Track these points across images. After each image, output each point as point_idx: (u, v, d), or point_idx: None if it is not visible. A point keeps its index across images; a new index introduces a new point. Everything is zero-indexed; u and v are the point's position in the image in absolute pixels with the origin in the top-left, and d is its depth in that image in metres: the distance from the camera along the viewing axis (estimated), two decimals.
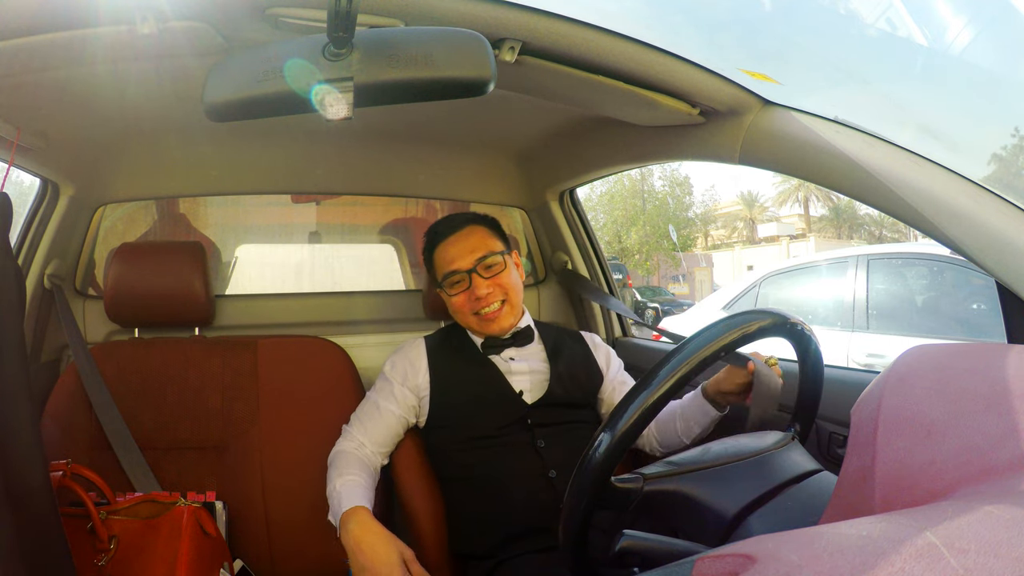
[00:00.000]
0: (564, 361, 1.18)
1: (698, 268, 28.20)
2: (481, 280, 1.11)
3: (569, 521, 0.65)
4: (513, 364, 1.16)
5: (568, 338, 1.25)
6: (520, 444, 1.09)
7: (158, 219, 1.86)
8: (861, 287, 3.44)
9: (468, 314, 1.13)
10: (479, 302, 1.11)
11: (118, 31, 0.68)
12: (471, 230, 1.16)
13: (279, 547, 1.23)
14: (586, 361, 1.22)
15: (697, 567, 0.35)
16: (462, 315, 1.14)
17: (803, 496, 0.65)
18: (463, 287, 1.12)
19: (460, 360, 1.17)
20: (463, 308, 1.13)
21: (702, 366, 0.61)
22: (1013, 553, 0.30)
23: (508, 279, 1.13)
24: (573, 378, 1.17)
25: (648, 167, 18.58)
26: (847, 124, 0.80)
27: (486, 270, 1.12)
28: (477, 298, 1.10)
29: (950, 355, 0.52)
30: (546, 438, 1.09)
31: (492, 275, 1.12)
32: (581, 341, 1.26)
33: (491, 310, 1.12)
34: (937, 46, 4.71)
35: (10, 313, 0.72)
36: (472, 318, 1.13)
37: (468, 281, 1.11)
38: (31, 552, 0.68)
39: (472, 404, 1.12)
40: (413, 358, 1.17)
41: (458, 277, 1.12)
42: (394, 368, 1.17)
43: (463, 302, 1.12)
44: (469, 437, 1.10)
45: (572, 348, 1.23)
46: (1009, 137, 8.99)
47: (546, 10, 0.72)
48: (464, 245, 1.14)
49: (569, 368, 1.18)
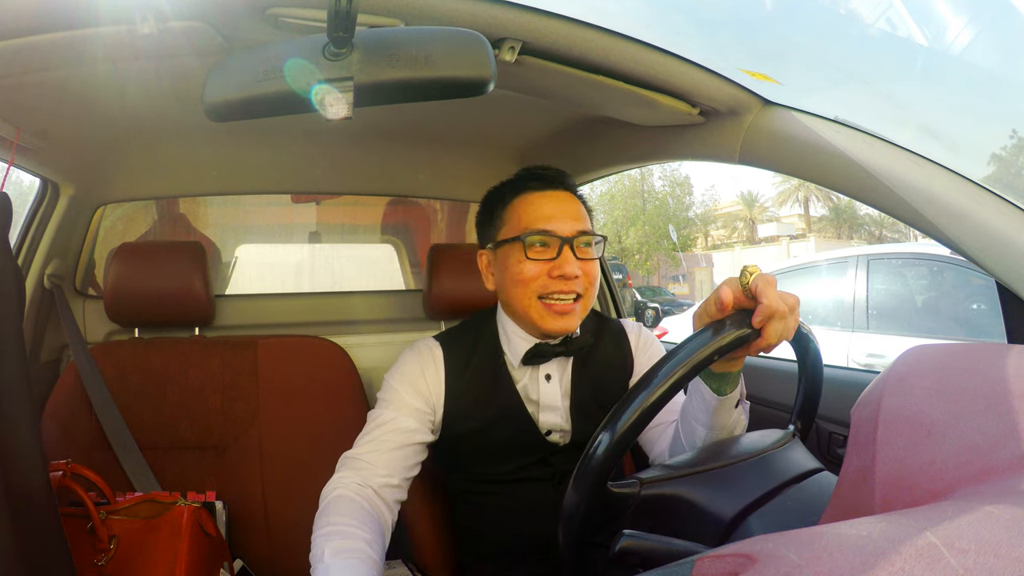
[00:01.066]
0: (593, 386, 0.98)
1: (698, 268, 28.21)
2: (573, 257, 0.88)
3: (568, 522, 0.64)
4: (545, 387, 0.96)
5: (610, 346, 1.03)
6: (537, 480, 0.97)
7: (158, 219, 1.87)
8: (861, 287, 3.45)
9: (533, 294, 0.89)
10: (561, 281, 0.87)
11: (118, 31, 0.68)
12: (572, 198, 0.94)
13: (279, 547, 1.23)
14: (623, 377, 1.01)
15: (697, 567, 0.35)
16: (523, 293, 0.89)
17: (803, 496, 0.65)
18: (549, 255, 0.88)
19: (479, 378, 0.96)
20: (532, 282, 0.88)
21: (702, 365, 0.61)
22: (1013, 553, 0.30)
23: (594, 274, 0.92)
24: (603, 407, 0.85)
25: (648, 167, 18.58)
26: (847, 124, 0.80)
27: (582, 248, 0.90)
28: (562, 275, 0.87)
29: (950, 355, 0.52)
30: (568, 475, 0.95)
31: (585, 258, 0.90)
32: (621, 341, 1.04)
33: (567, 301, 0.89)
34: (937, 46, 4.71)
35: (10, 313, 0.72)
36: (535, 303, 0.89)
37: (558, 251, 0.88)
38: (31, 552, 0.68)
39: (490, 444, 0.95)
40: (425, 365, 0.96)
41: (549, 241, 0.88)
42: (404, 377, 0.95)
43: (538, 274, 0.88)
44: (480, 472, 0.99)
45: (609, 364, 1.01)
46: (1008, 138, 9.00)
47: (546, 10, 0.72)
48: (567, 208, 0.91)
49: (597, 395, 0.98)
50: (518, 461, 0.96)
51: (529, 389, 0.96)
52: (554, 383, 0.96)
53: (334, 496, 0.86)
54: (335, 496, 0.86)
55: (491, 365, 0.97)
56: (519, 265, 0.89)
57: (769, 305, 0.62)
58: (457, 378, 0.96)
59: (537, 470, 0.97)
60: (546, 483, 0.97)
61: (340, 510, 0.83)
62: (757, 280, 0.63)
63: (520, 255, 0.89)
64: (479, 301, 1.24)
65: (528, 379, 0.97)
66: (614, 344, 1.03)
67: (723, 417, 0.79)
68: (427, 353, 0.98)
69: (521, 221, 0.91)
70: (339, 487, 0.87)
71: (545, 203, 0.91)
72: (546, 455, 0.97)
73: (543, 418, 0.96)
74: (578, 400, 0.97)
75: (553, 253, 0.89)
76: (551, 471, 0.97)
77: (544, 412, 0.95)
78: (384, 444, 0.91)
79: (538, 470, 0.97)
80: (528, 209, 0.92)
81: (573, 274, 0.87)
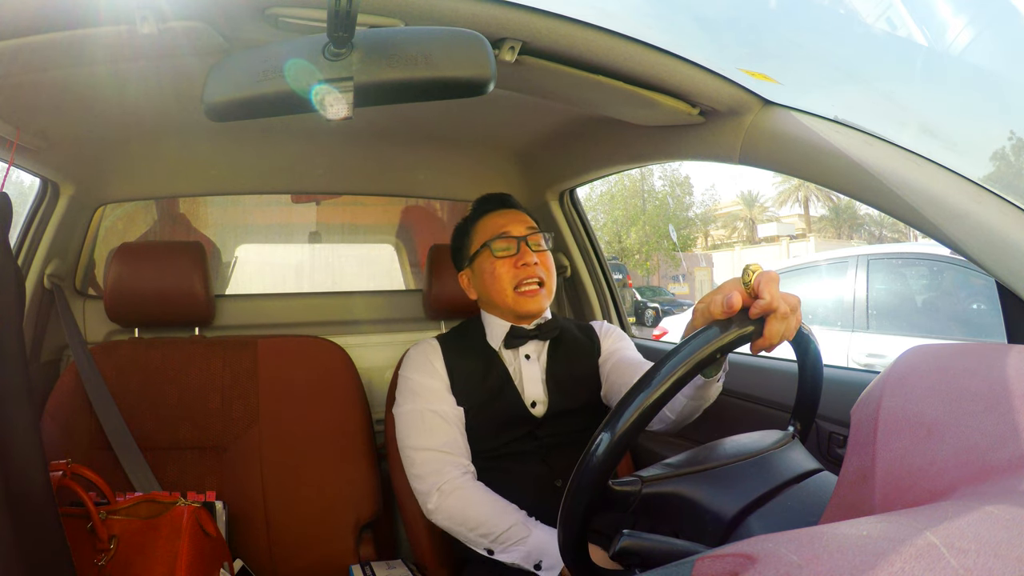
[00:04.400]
0: (567, 364, 1.16)
1: (698, 268, 28.21)
2: (529, 250, 1.11)
3: (568, 523, 0.64)
4: (526, 365, 1.13)
5: (578, 333, 1.22)
6: (527, 453, 1.08)
7: (158, 219, 1.87)
8: (861, 287, 3.45)
9: (508, 287, 1.10)
10: (525, 269, 1.09)
11: (118, 31, 0.68)
12: (519, 212, 1.17)
13: (279, 547, 1.23)
14: (591, 359, 1.19)
15: (697, 567, 0.35)
16: (500, 287, 1.11)
17: (803, 496, 0.65)
18: (511, 252, 1.11)
19: (474, 363, 1.13)
20: (505, 276, 1.10)
21: (703, 364, 0.61)
22: (1013, 553, 0.30)
23: (549, 263, 1.14)
24: (577, 381, 1.15)
25: (648, 167, 18.58)
26: (847, 124, 0.80)
27: (535, 245, 1.13)
28: (524, 264, 1.09)
29: (950, 355, 0.52)
30: (554, 447, 1.08)
31: (539, 251, 1.13)
32: (589, 331, 1.24)
33: (533, 286, 1.10)
34: (937, 46, 4.71)
35: (10, 313, 0.72)
36: (511, 293, 1.10)
37: (516, 247, 1.11)
38: (31, 552, 0.68)
39: (482, 418, 1.09)
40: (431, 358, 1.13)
41: (508, 242, 1.11)
42: (417, 367, 1.12)
43: (507, 269, 1.10)
44: (476, 448, 1.09)
45: (579, 347, 1.19)
46: (1007, 138, 9.00)
47: (546, 10, 0.72)
48: (517, 217, 1.15)
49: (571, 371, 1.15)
50: (508, 435, 1.09)
51: (513, 368, 1.14)
52: (533, 361, 1.15)
53: (457, 496, 1.02)
54: (458, 496, 1.02)
55: (481, 350, 1.16)
56: (491, 266, 1.11)
57: (768, 300, 0.62)
58: (455, 361, 1.13)
59: (526, 443, 1.09)
60: (535, 457, 1.09)
61: (476, 501, 1.01)
62: (759, 277, 0.63)
63: (490, 258, 1.12)
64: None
65: (512, 360, 1.15)
66: (583, 332, 1.23)
67: (705, 392, 0.90)
68: (426, 345, 1.16)
69: (484, 234, 1.14)
70: (445, 483, 1.03)
71: (499, 217, 1.15)
72: (532, 428, 1.10)
73: (527, 390, 1.12)
74: (553, 374, 1.14)
75: (514, 250, 1.11)
76: (537, 444, 1.10)
77: (527, 384, 1.13)
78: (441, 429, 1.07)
79: (526, 443, 1.09)
80: (487, 224, 1.15)
81: (533, 262, 1.10)
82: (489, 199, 1.20)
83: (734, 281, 0.66)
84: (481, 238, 1.14)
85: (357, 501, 1.28)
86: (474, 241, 1.16)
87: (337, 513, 1.27)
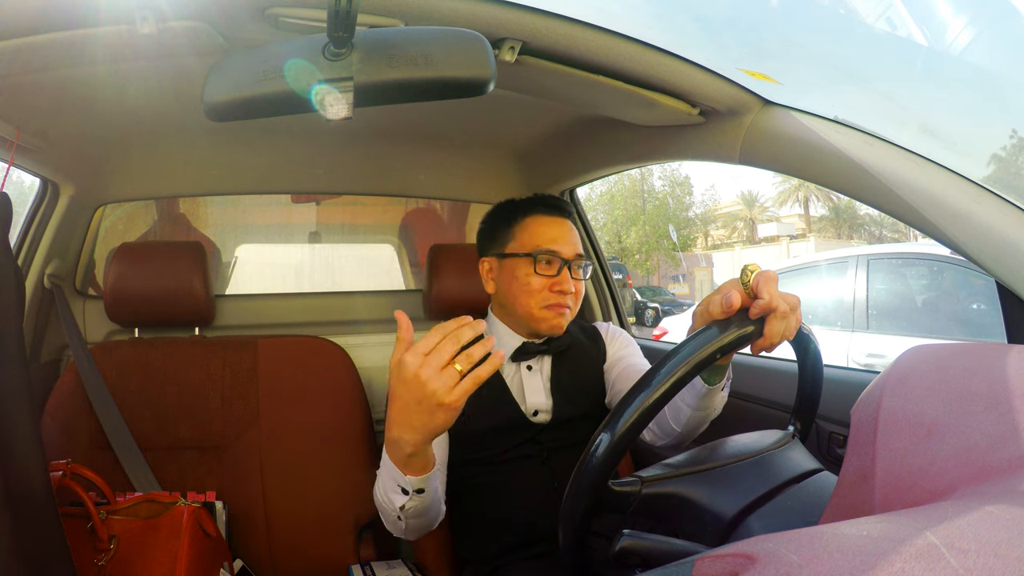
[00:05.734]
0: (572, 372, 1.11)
1: (698, 268, 28.21)
2: (571, 278, 1.05)
3: (568, 523, 0.64)
4: (527, 375, 1.09)
5: (584, 339, 1.17)
6: (528, 457, 1.06)
7: (158, 219, 1.87)
8: (861, 287, 3.45)
9: (539, 302, 1.04)
10: (560, 296, 1.03)
11: (118, 31, 0.68)
12: (573, 227, 1.10)
13: (279, 547, 1.23)
14: (596, 366, 1.15)
15: (697, 567, 0.35)
16: (527, 301, 1.04)
17: (803, 496, 0.65)
18: (552, 272, 1.04)
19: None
20: (537, 293, 1.03)
21: (703, 365, 0.61)
22: (1013, 553, 0.30)
23: (582, 290, 1.09)
24: (582, 389, 1.11)
25: (648, 167, 18.58)
26: (847, 124, 0.80)
27: (576, 271, 1.07)
28: (562, 291, 1.03)
29: (950, 355, 0.52)
30: (555, 452, 1.07)
31: (577, 279, 1.07)
32: (595, 335, 1.19)
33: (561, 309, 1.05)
34: (937, 46, 4.71)
35: (10, 313, 0.72)
36: (537, 309, 1.04)
37: (558, 270, 1.04)
38: (31, 552, 0.68)
39: (479, 426, 1.05)
40: None
41: (553, 260, 1.04)
42: None
43: (542, 286, 1.04)
44: (476, 456, 1.06)
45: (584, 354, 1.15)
46: (1008, 138, 8.99)
47: (546, 10, 0.72)
48: (570, 235, 1.07)
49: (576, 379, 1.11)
50: (510, 442, 1.06)
51: (514, 379, 1.09)
52: (535, 372, 1.10)
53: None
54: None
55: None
56: (528, 277, 1.04)
57: (767, 300, 0.62)
58: None
59: (527, 448, 1.07)
60: (536, 460, 1.06)
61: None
62: (758, 277, 0.63)
63: (529, 269, 1.04)
64: (479, 301, 1.24)
65: (512, 371, 1.10)
66: (588, 338, 1.18)
67: (709, 401, 0.88)
68: None
69: (532, 239, 1.06)
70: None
71: (553, 227, 1.07)
72: (534, 434, 1.07)
73: (529, 400, 1.08)
74: (558, 382, 1.10)
75: (555, 271, 1.04)
76: (539, 447, 1.07)
77: (529, 395, 1.08)
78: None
79: (528, 448, 1.07)
80: (538, 230, 1.06)
81: (569, 291, 1.04)
82: (549, 201, 1.11)
83: (733, 282, 0.66)
84: (527, 242, 1.06)
85: (357, 501, 1.28)
86: (517, 237, 1.08)
87: (337, 513, 1.27)
